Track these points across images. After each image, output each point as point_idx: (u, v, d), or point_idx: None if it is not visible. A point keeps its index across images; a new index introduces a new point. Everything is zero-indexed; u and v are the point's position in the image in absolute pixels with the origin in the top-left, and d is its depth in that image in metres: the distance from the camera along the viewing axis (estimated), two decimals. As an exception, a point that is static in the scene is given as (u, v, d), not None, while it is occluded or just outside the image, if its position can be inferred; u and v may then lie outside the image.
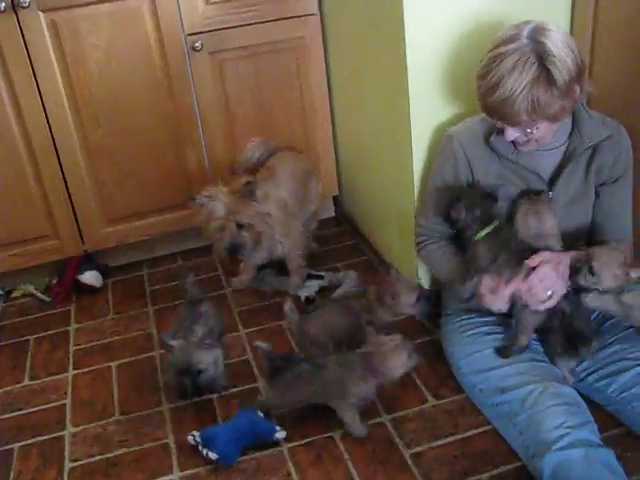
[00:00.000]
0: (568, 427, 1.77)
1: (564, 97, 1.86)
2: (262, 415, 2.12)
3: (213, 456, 2.00)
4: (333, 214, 3.47)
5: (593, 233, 2.16)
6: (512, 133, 1.95)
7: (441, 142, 2.19)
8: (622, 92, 2.12)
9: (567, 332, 2.00)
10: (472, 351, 2.11)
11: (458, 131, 2.14)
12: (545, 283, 1.93)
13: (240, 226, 2.55)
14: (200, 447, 2.03)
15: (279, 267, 2.91)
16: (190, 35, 2.82)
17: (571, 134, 2.06)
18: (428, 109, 2.30)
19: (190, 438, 2.06)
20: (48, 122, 2.80)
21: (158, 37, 2.79)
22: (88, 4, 2.68)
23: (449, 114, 2.32)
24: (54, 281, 3.06)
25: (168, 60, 2.84)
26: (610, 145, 2.04)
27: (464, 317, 2.20)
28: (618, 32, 2.01)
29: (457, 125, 2.16)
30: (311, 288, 2.81)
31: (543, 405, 1.85)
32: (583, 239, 2.16)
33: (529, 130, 1.92)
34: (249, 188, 2.55)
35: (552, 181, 2.08)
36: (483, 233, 2.04)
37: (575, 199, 2.09)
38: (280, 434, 2.09)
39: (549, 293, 1.93)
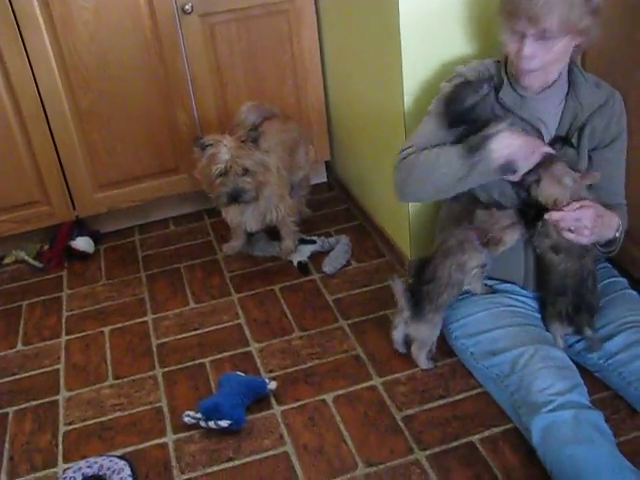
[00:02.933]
0: (558, 389, 1.79)
1: (592, 16, 1.85)
2: (244, 374, 2.18)
3: (224, 423, 2.00)
4: (325, 179, 3.46)
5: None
6: (531, 47, 1.88)
7: (448, 77, 2.13)
8: (614, 55, 2.11)
9: (577, 300, 1.99)
10: (464, 315, 2.12)
11: (468, 67, 2.11)
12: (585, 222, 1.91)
13: (243, 172, 2.52)
14: (202, 422, 2.03)
15: (271, 232, 2.91)
16: (180, -3, 2.79)
17: (567, 95, 2.05)
18: (421, 71, 2.29)
19: (187, 419, 2.05)
20: (37, 87, 2.77)
21: (147, -1, 2.76)
22: (76, -35, 2.64)
23: (442, 73, 2.30)
24: (46, 247, 3.05)
25: (158, 23, 2.80)
26: (604, 110, 2.03)
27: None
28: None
29: (466, 65, 2.13)
30: (303, 253, 2.81)
31: (534, 367, 1.87)
32: None
33: (549, 44, 1.87)
34: (253, 134, 2.53)
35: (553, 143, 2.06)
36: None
37: (570, 165, 2.08)
38: (272, 385, 2.14)
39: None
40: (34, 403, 2.24)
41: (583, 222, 1.89)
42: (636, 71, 2.07)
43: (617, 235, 2.00)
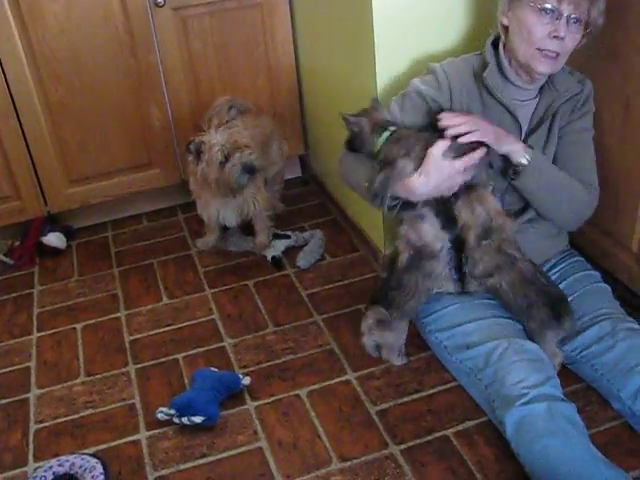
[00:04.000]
0: (531, 383, 1.80)
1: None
2: (217, 369, 2.18)
3: (198, 419, 1.99)
4: (299, 174, 3.45)
5: None
6: (566, 28, 1.85)
7: (425, 72, 2.11)
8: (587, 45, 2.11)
9: (545, 299, 1.97)
10: (437, 308, 2.12)
11: (443, 64, 2.08)
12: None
13: (242, 148, 2.53)
14: (175, 418, 2.02)
15: (244, 227, 2.89)
16: (152, -10, 2.76)
17: (542, 87, 2.05)
18: (394, 65, 2.28)
19: (160, 415, 2.03)
20: (6, 80, 2.72)
21: (119, -8, 2.73)
22: (44, -44, 2.60)
23: (416, 69, 2.29)
24: (17, 243, 3.01)
25: (130, 16, 2.77)
26: (576, 97, 2.05)
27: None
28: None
29: (440, 62, 2.09)
30: (277, 248, 2.80)
31: (507, 360, 1.87)
32: None
33: (579, 29, 1.87)
34: (233, 112, 2.62)
35: (530, 132, 2.07)
36: (383, 137, 1.97)
37: (543, 149, 2.08)
38: (245, 380, 2.14)
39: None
40: (4, 401, 2.21)
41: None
42: (604, 63, 2.08)
43: (523, 161, 1.98)
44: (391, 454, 1.91)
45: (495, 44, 2.05)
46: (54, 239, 2.99)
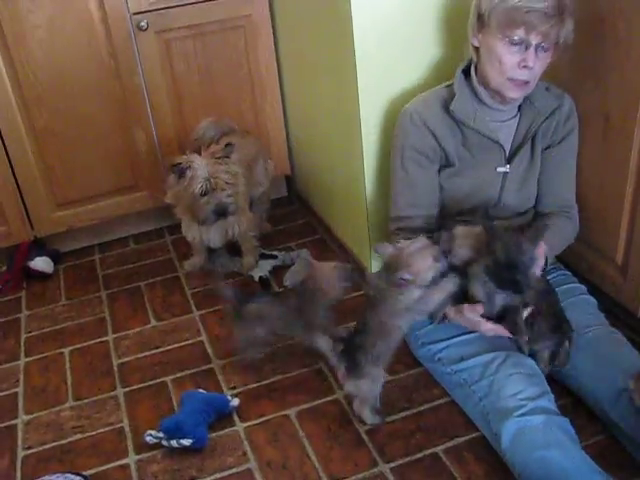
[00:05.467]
0: (529, 395, 1.81)
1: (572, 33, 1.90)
2: (205, 391, 2.18)
3: (186, 442, 1.98)
4: (285, 194, 3.46)
5: (538, 200, 2.17)
6: (535, 57, 1.87)
7: (398, 120, 2.14)
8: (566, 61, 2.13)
9: (554, 322, 1.94)
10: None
11: (414, 105, 2.10)
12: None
13: (223, 188, 2.53)
14: (164, 441, 2.01)
15: (231, 248, 2.89)
16: (135, 14, 2.77)
17: (521, 105, 2.07)
18: (376, 86, 2.30)
19: (148, 438, 2.03)
20: (-9, 106, 2.73)
21: (102, 17, 2.73)
22: (26, -18, 2.61)
23: (398, 90, 2.32)
24: (4, 268, 3.01)
25: (113, 40, 2.78)
26: (555, 112, 2.06)
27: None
28: None
29: (410, 102, 2.13)
30: (265, 268, 2.81)
31: (504, 373, 1.88)
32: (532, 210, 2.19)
33: (547, 54, 1.89)
34: (229, 150, 2.56)
35: (513, 154, 2.08)
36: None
37: (526, 170, 2.11)
38: (234, 402, 2.13)
39: None
40: (-8, 428, 2.20)
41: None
42: (582, 79, 2.11)
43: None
44: (381, 472, 1.90)
45: (467, 71, 2.06)
46: (41, 263, 2.99)
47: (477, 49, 1.99)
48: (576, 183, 2.18)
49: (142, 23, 2.77)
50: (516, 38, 1.85)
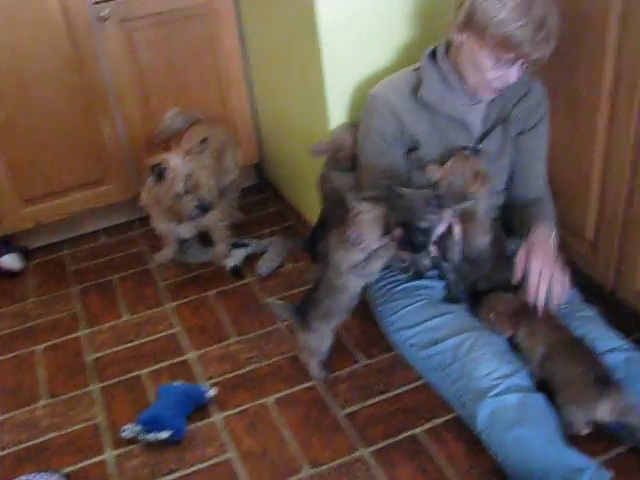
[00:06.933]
0: (502, 373, 1.83)
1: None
2: (182, 383, 2.16)
3: (165, 434, 1.97)
4: (255, 181, 3.44)
5: (511, 185, 2.19)
6: (515, 72, 1.89)
7: (365, 104, 2.13)
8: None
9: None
10: (402, 306, 2.12)
11: (381, 89, 2.10)
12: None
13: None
14: (141, 436, 2.00)
15: (202, 238, 2.87)
16: (96, 4, 2.72)
17: None
18: (343, 69, 2.29)
19: (125, 433, 2.01)
20: (-52, 101, 2.68)
21: (62, 8, 2.67)
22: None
23: (365, 76, 2.31)
24: (-29, 267, 2.96)
25: (74, 30, 2.73)
26: (526, 97, 2.07)
27: (392, 274, 2.20)
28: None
29: (377, 85, 2.12)
30: (237, 257, 2.78)
31: (476, 353, 1.89)
32: (503, 198, 2.21)
33: (524, 66, 1.90)
34: (205, 145, 2.53)
35: (482, 138, 2.09)
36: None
37: (497, 154, 2.11)
38: (211, 392, 2.13)
39: None
40: (-35, 430, 2.16)
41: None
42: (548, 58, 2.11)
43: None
44: (361, 457, 1.91)
45: (433, 53, 2.06)
46: (9, 261, 2.94)
47: (457, 43, 1.96)
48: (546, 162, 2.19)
49: (103, 13, 2.72)
50: (504, 60, 1.87)
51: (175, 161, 2.47)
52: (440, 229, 1.92)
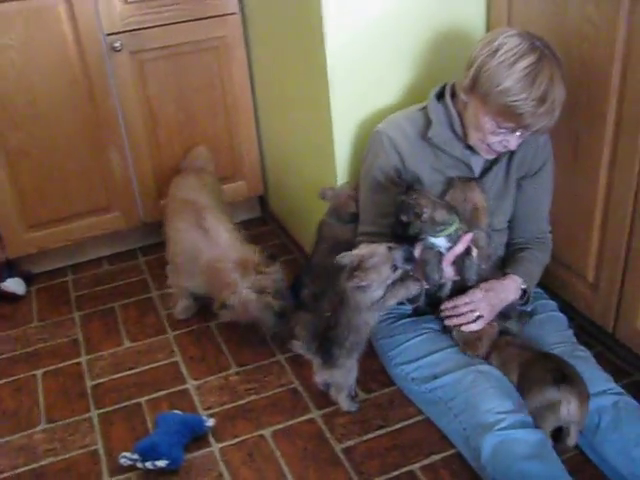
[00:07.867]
0: (507, 408, 1.84)
1: None
2: (181, 412, 2.16)
3: (162, 463, 1.97)
4: (259, 214, 3.46)
5: (513, 226, 2.22)
6: (516, 140, 1.94)
7: (369, 140, 2.17)
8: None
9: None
10: (402, 341, 2.14)
11: (386, 127, 2.13)
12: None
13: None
14: (139, 463, 1.99)
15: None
16: (109, 35, 2.77)
17: None
18: (349, 105, 2.32)
19: (123, 460, 2.01)
20: (-38, 126, 2.71)
21: (76, 37, 2.73)
22: (-1, 2, 2.61)
23: (370, 113, 2.34)
24: (-26, 290, 2.97)
25: (87, 61, 2.78)
26: (530, 139, 2.08)
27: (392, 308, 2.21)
28: (532, 26, 2.05)
29: (382, 123, 2.16)
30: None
31: (479, 388, 1.91)
32: (505, 235, 2.23)
33: (526, 134, 1.94)
34: (273, 263, 2.49)
35: (481, 176, 2.12)
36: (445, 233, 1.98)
37: (498, 195, 2.14)
38: (209, 422, 2.13)
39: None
40: (-38, 453, 2.16)
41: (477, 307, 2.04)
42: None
43: (524, 287, 2.11)
44: (357, 491, 1.90)
45: (441, 93, 2.09)
46: (13, 285, 2.95)
47: (463, 100, 2.00)
48: (548, 202, 2.22)
49: (116, 44, 2.77)
50: (505, 128, 1.91)
51: (242, 295, 2.37)
52: (459, 249, 1.96)
